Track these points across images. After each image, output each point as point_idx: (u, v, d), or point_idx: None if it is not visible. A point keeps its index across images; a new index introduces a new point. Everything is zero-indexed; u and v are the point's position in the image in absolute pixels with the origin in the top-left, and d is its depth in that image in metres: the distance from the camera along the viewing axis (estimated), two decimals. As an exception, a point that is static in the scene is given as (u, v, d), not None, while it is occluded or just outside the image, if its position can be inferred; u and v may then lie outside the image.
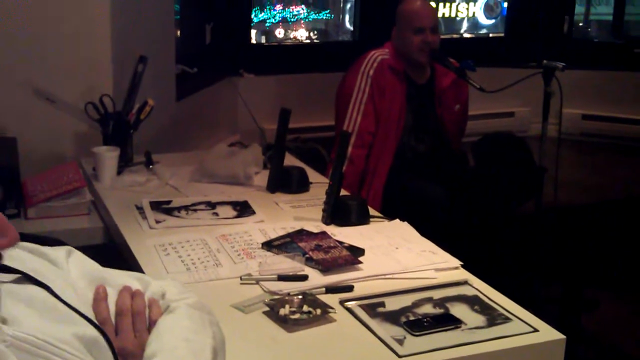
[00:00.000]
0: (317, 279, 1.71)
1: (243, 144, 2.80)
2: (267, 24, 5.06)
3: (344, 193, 2.24)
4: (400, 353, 1.42)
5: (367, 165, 3.12)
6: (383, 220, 2.17)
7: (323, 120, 3.56)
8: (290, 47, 4.97)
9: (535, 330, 1.52)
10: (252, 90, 4.10)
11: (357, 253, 1.85)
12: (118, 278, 1.20)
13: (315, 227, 2.05)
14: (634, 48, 4.67)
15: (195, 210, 2.20)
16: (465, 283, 1.74)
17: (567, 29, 4.85)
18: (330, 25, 5.44)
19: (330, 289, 1.66)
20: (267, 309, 1.55)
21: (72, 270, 1.16)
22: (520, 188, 3.18)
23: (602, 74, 4.62)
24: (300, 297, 1.58)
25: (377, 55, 3.18)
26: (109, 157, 2.47)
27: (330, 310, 1.54)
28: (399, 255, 1.87)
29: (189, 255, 1.84)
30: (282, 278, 1.70)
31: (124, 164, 2.58)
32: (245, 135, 3.88)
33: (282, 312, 1.52)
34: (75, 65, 2.74)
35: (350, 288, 1.68)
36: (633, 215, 3.83)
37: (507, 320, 1.56)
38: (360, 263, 1.79)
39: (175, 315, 1.15)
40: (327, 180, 2.27)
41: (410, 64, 3.21)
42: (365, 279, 1.74)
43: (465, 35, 5.55)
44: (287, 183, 2.41)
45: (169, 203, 2.24)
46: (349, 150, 3.02)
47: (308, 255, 1.79)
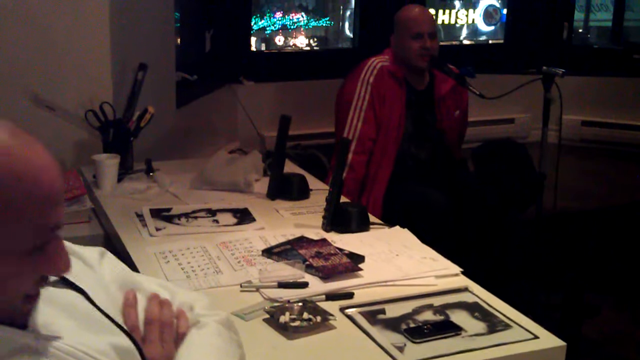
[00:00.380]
0: (317, 286, 1.71)
1: (243, 151, 2.81)
2: (267, 32, 5.07)
3: (344, 200, 2.24)
4: (401, 360, 1.42)
5: (367, 172, 3.12)
6: (383, 227, 2.17)
7: (323, 127, 3.56)
8: (290, 54, 4.97)
9: (536, 337, 1.52)
10: (252, 98, 4.10)
11: (357, 260, 1.85)
12: (147, 285, 1.22)
13: (316, 234, 2.05)
14: (634, 54, 4.66)
15: (196, 218, 2.20)
16: (466, 290, 1.74)
17: (566, 36, 4.84)
18: (330, 33, 5.44)
19: (331, 296, 1.66)
20: (267, 316, 1.55)
21: (105, 273, 1.18)
22: (521, 194, 3.18)
23: (601, 80, 4.62)
24: (301, 304, 1.58)
25: (377, 62, 3.18)
26: (109, 164, 2.48)
27: (331, 318, 1.54)
28: (400, 262, 1.87)
29: (189, 263, 1.84)
30: (282, 285, 1.70)
31: (124, 172, 2.58)
32: (245, 143, 3.88)
33: (282, 319, 1.52)
34: (76, 73, 2.74)
35: (351, 295, 1.68)
36: (633, 222, 3.83)
37: (507, 327, 1.56)
38: (361, 270, 1.79)
39: (206, 332, 1.16)
40: (327, 187, 2.27)
41: (410, 71, 3.21)
42: (366, 286, 1.74)
43: (465, 42, 5.55)
44: (287, 190, 2.42)
45: (169, 210, 2.24)
46: (350, 157, 3.02)
47: (308, 263, 1.79)
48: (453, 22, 5.48)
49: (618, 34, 5.07)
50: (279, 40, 5.11)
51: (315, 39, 5.26)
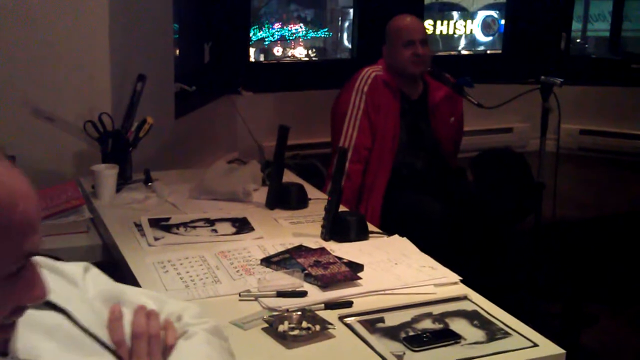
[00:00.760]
0: (316, 295, 1.71)
1: (242, 161, 2.81)
2: (265, 42, 5.09)
3: (343, 209, 2.24)
4: (400, 368, 1.41)
5: (364, 181, 3.13)
6: (382, 236, 2.17)
7: (322, 137, 3.56)
8: (289, 64, 4.99)
9: (535, 345, 1.52)
10: (250, 108, 4.11)
11: (356, 269, 1.85)
12: (133, 297, 1.19)
13: (314, 243, 2.05)
14: (631, 64, 4.68)
15: (194, 227, 2.20)
16: (465, 298, 1.74)
17: (564, 45, 4.86)
18: (329, 43, 5.47)
19: (330, 305, 1.66)
20: (266, 326, 1.55)
21: (89, 288, 1.16)
22: (519, 203, 3.19)
23: (599, 90, 4.63)
24: (299, 313, 1.58)
25: (371, 72, 3.21)
26: (108, 174, 2.48)
27: (330, 326, 1.54)
28: (398, 271, 1.87)
29: (188, 272, 1.84)
30: (281, 294, 1.70)
31: (123, 182, 2.58)
32: (244, 153, 3.89)
33: (281, 328, 1.52)
34: (75, 84, 2.75)
35: (350, 304, 1.68)
36: (632, 230, 3.83)
37: (506, 335, 1.56)
38: (360, 279, 1.79)
39: (195, 342, 1.14)
40: (325, 197, 2.27)
41: (403, 79, 3.24)
42: (365, 295, 1.73)
43: (463, 52, 5.57)
44: (286, 199, 2.42)
45: (168, 220, 2.24)
46: (346, 166, 3.02)
47: (307, 271, 1.79)
48: (451, 32, 5.51)
49: (616, 44, 5.09)
50: (278, 51, 5.13)
51: (314, 50, 5.28)
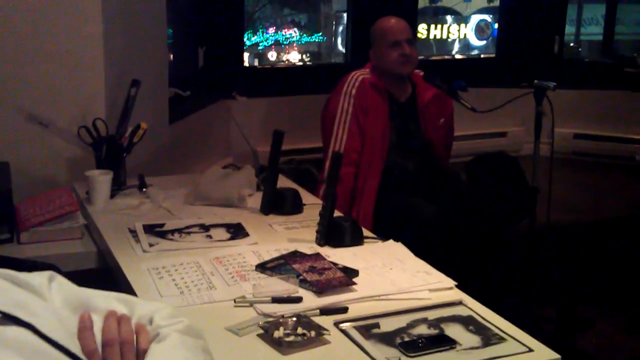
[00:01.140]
0: (311, 301, 1.71)
1: (236, 166, 2.80)
2: (259, 47, 5.09)
3: (338, 214, 2.24)
4: (396, 374, 1.41)
5: (355, 185, 3.14)
6: (377, 241, 2.17)
7: (317, 142, 3.57)
8: (283, 69, 4.99)
9: (530, 350, 1.52)
10: (245, 113, 4.11)
11: (351, 274, 1.85)
12: (102, 302, 1.16)
13: (309, 248, 2.05)
14: (625, 67, 4.70)
15: (189, 233, 2.19)
16: (460, 303, 1.73)
17: (557, 49, 4.88)
18: (323, 48, 5.47)
19: (325, 311, 1.66)
20: (261, 332, 1.54)
21: (55, 299, 1.12)
22: (514, 208, 3.19)
23: (593, 93, 4.65)
24: (295, 319, 1.58)
25: (358, 75, 3.23)
26: (102, 180, 2.47)
27: (325, 332, 1.54)
28: (393, 276, 1.87)
29: (183, 279, 1.84)
30: (276, 300, 1.69)
31: (117, 188, 2.57)
32: (239, 158, 3.89)
33: (276, 334, 1.52)
34: (68, 90, 2.74)
35: (345, 309, 1.68)
36: (627, 234, 3.83)
37: (502, 340, 1.56)
38: (355, 284, 1.79)
39: (168, 345, 1.11)
40: (320, 202, 2.27)
41: (392, 81, 3.25)
42: (360, 300, 1.73)
43: (457, 57, 5.58)
44: (280, 205, 2.41)
45: (162, 226, 2.24)
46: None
47: (302, 277, 1.79)
48: (445, 36, 5.52)
49: (609, 48, 5.11)
50: (272, 56, 5.13)
51: (308, 54, 5.29)
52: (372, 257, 2.01)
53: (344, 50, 4.93)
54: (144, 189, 2.59)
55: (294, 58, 5.21)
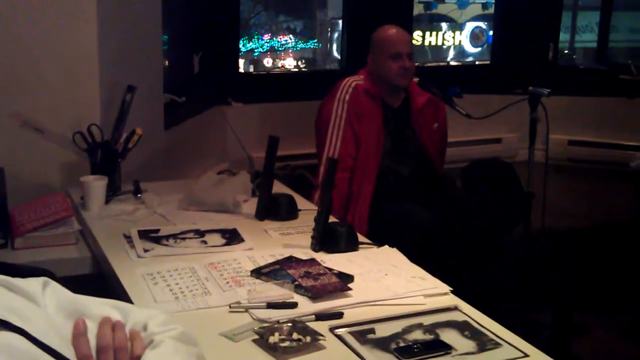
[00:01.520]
0: (306, 306, 1.70)
1: (232, 172, 2.80)
2: (255, 53, 5.10)
3: (333, 220, 2.24)
4: (391, 380, 1.41)
5: (350, 190, 3.14)
6: (372, 247, 2.17)
7: (312, 148, 3.57)
8: (278, 75, 5.00)
9: (526, 356, 1.51)
10: (240, 119, 4.11)
11: (346, 280, 1.84)
12: (97, 308, 1.16)
13: (304, 254, 2.05)
14: (619, 74, 4.71)
15: (184, 239, 2.19)
16: (455, 309, 1.73)
17: (552, 56, 4.89)
18: (318, 54, 5.48)
19: (320, 316, 1.66)
20: (256, 337, 1.54)
21: (49, 305, 1.12)
22: (508, 214, 3.19)
23: (587, 100, 4.66)
24: (290, 324, 1.57)
25: (351, 81, 3.24)
26: (97, 186, 2.47)
27: (320, 338, 1.53)
28: (389, 282, 1.87)
29: (178, 284, 1.83)
30: (271, 306, 1.69)
31: (112, 193, 2.57)
32: (234, 164, 3.88)
33: (271, 340, 1.51)
34: (64, 95, 2.74)
35: (340, 315, 1.68)
36: (621, 240, 3.84)
37: (497, 346, 1.56)
38: (350, 290, 1.79)
39: (162, 351, 1.11)
40: (315, 207, 2.27)
41: (386, 89, 3.25)
42: (355, 306, 1.73)
43: (452, 63, 5.59)
44: (275, 210, 2.41)
45: (157, 232, 2.23)
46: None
47: (297, 283, 1.79)
48: (440, 43, 5.54)
49: (603, 55, 5.13)
50: (267, 62, 5.14)
51: (303, 61, 5.29)
52: (367, 262, 2.01)
53: (339, 57, 4.94)
54: (139, 195, 2.58)
55: (290, 64, 5.22)
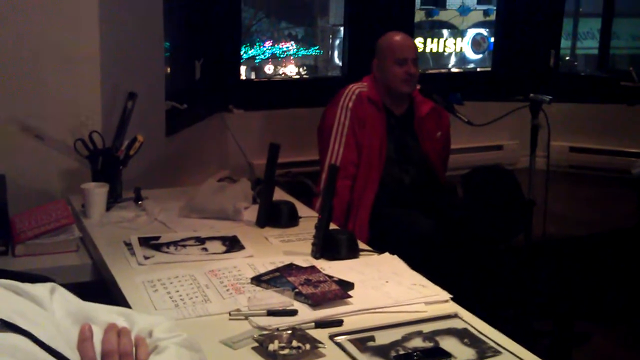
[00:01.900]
0: (306, 314, 1.70)
1: (232, 179, 2.81)
2: (256, 60, 5.11)
3: (333, 227, 2.24)
4: (391, 388, 1.41)
5: (352, 197, 3.14)
6: (373, 254, 2.17)
7: (313, 155, 3.57)
8: (280, 82, 5.01)
9: (526, 363, 1.52)
10: (241, 126, 4.11)
11: (346, 287, 1.84)
12: (103, 315, 1.17)
13: (305, 261, 2.05)
14: (620, 81, 4.71)
15: (184, 246, 2.19)
16: (455, 316, 1.73)
17: (553, 63, 4.89)
18: (320, 61, 5.49)
19: (320, 324, 1.66)
20: (256, 345, 1.54)
21: (56, 310, 1.13)
22: (510, 221, 3.19)
23: (589, 107, 4.66)
24: (290, 332, 1.57)
25: (355, 89, 3.25)
26: (98, 193, 2.47)
27: (320, 345, 1.53)
28: (389, 289, 1.87)
29: (178, 292, 1.83)
30: (271, 313, 1.69)
31: (113, 200, 2.57)
32: (235, 171, 3.88)
33: (271, 347, 1.51)
34: (65, 102, 2.74)
35: (340, 322, 1.67)
36: (622, 248, 3.83)
37: (497, 354, 1.55)
38: (350, 297, 1.79)
39: (165, 357, 1.12)
40: (316, 215, 2.27)
41: (390, 96, 3.26)
42: (355, 313, 1.73)
43: (453, 70, 5.60)
44: (276, 217, 2.41)
45: (158, 239, 2.23)
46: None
47: (297, 290, 1.78)
48: (441, 50, 5.55)
49: (605, 62, 5.13)
50: (269, 69, 5.15)
51: (305, 68, 5.31)
52: (367, 269, 2.01)
53: (341, 64, 4.95)
54: (140, 202, 2.59)
55: (291, 71, 5.23)
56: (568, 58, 5.84)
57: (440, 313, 1.74)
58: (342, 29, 4.88)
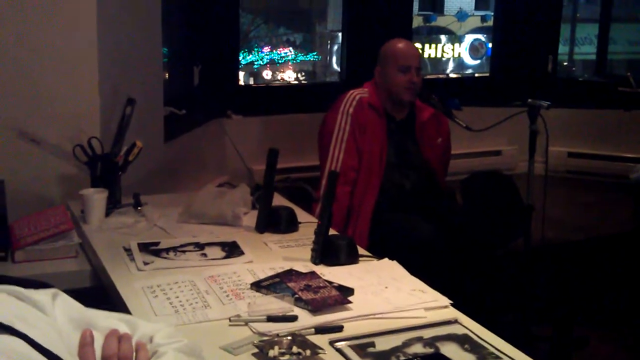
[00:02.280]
0: (306, 320, 1.70)
1: (231, 185, 2.81)
2: (255, 66, 5.11)
3: (333, 232, 2.24)
4: (391, 393, 1.41)
5: (351, 203, 3.14)
6: (372, 260, 2.17)
7: (312, 160, 3.57)
8: (278, 88, 5.01)
9: (526, 369, 1.52)
10: (240, 131, 4.11)
11: (346, 293, 1.84)
12: (104, 321, 1.18)
13: (305, 267, 2.05)
14: (618, 86, 4.72)
15: (184, 252, 2.19)
16: (455, 322, 1.73)
17: (551, 68, 4.90)
18: (318, 67, 5.50)
19: (320, 330, 1.65)
20: (256, 351, 1.54)
21: (58, 315, 1.14)
22: (508, 226, 3.20)
23: (586, 112, 4.67)
24: (290, 338, 1.57)
25: (356, 94, 3.25)
26: (97, 199, 2.47)
27: (320, 351, 1.53)
28: (389, 295, 1.87)
29: (177, 297, 1.83)
30: (271, 319, 1.69)
31: (112, 206, 2.57)
32: (234, 176, 3.88)
33: (271, 353, 1.51)
34: (64, 108, 2.74)
35: (340, 328, 1.67)
36: (621, 252, 3.84)
37: (497, 359, 1.55)
38: (350, 303, 1.79)
39: None
40: (316, 220, 2.27)
41: (391, 102, 3.26)
42: (355, 319, 1.73)
43: (452, 75, 5.61)
44: (275, 223, 2.41)
45: (157, 244, 2.23)
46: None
47: (297, 296, 1.78)
48: (439, 56, 5.56)
49: (602, 67, 5.14)
50: (267, 75, 5.16)
51: (303, 73, 5.31)
52: (367, 275, 2.01)
53: (339, 69, 4.95)
54: (139, 208, 2.58)
55: (289, 77, 5.23)
56: (566, 63, 5.86)
57: (441, 319, 1.74)
58: (340, 35, 4.89)
